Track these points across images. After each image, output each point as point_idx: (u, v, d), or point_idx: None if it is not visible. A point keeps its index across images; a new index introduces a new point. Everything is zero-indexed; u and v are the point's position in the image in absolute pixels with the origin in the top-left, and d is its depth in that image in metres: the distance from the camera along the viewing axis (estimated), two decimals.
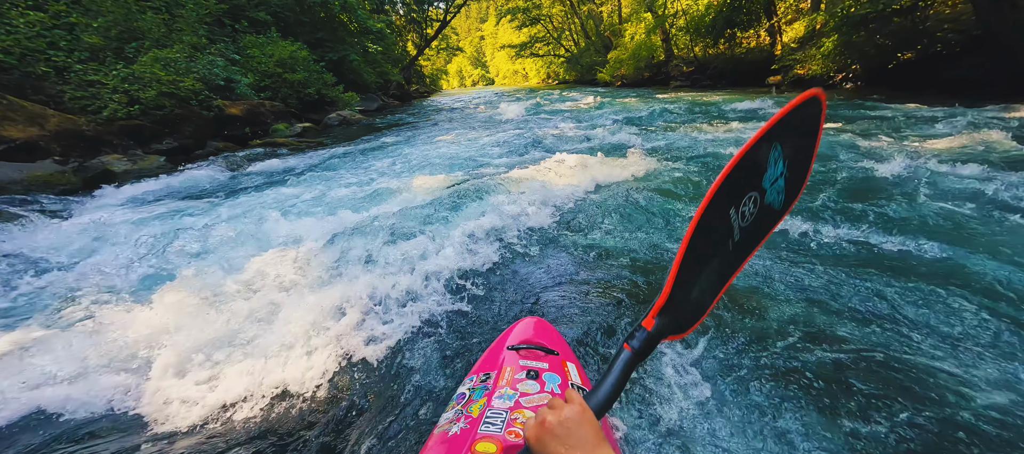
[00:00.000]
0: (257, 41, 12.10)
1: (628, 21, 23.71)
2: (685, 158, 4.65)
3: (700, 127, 6.38)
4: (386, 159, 6.10)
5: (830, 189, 3.20)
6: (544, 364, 1.13)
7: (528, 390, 1.00)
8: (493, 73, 75.73)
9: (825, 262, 2.21)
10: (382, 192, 4.19)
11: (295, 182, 5.01)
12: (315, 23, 16.89)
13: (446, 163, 5.56)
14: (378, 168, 5.56)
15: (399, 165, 5.69)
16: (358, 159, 6.26)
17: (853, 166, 3.64)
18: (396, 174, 5.14)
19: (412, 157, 6.23)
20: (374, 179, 4.89)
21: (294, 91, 12.05)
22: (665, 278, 0.55)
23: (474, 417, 0.91)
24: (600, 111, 9.82)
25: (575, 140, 6.28)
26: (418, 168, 5.37)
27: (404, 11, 33.49)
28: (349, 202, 3.90)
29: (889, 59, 7.80)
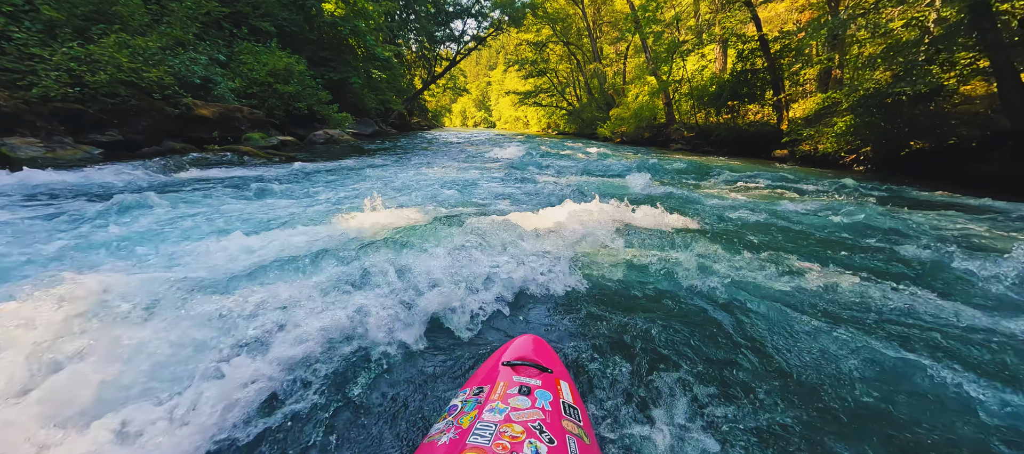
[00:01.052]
0: (252, 48, 11.62)
1: (632, 83, 24.35)
2: (698, 214, 3.92)
3: (720, 190, 5.75)
4: (356, 183, 5.26)
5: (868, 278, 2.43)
6: (537, 381, 1.14)
7: (519, 405, 1.00)
8: (495, 117, 77.75)
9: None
10: (329, 218, 3.30)
11: (234, 194, 4.11)
12: (322, 42, 16.71)
13: (423, 195, 4.73)
14: (341, 191, 4.71)
15: (366, 190, 4.85)
16: (324, 179, 5.42)
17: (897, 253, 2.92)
18: (355, 199, 4.28)
19: (386, 183, 5.41)
20: (332, 202, 4.02)
21: (283, 102, 11.42)
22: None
23: (464, 428, 0.92)
24: (606, 161, 9.28)
25: (577, 186, 5.56)
26: (386, 196, 4.53)
27: (416, 47, 34.35)
28: (278, 227, 3.00)
29: (902, 146, 7.49)
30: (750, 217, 4.08)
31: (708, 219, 4.02)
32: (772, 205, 4.72)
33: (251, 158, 6.56)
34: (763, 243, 3.22)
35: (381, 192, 4.48)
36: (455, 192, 4.91)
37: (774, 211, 4.33)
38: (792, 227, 3.77)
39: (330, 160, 7.10)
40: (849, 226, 3.78)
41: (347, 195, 4.50)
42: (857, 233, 3.57)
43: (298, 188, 4.78)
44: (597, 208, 3.53)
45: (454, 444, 0.87)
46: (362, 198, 3.74)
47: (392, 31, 29.63)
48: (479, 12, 29.33)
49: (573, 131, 33.18)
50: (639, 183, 5.70)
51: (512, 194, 5.00)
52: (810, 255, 2.95)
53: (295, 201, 4.09)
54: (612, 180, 6.57)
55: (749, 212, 4.25)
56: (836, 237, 3.48)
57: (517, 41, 35.82)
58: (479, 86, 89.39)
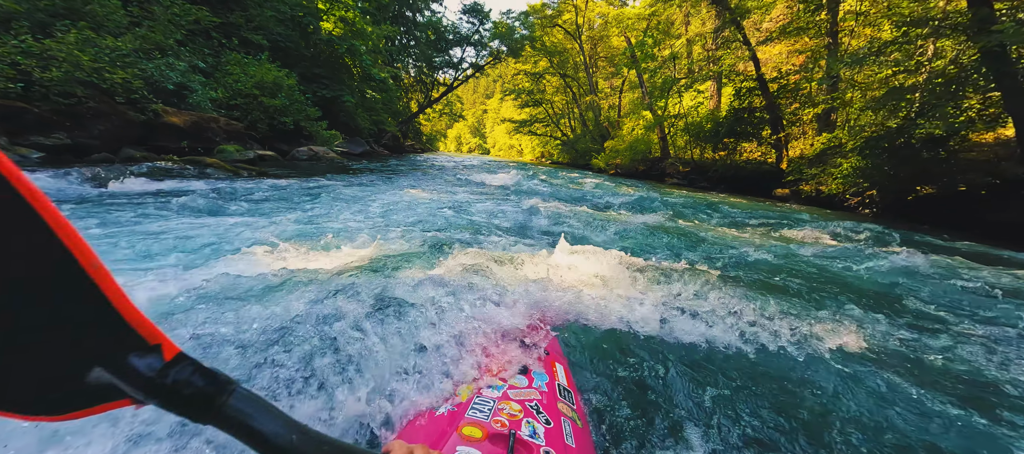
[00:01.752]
0: (240, 59, 11.20)
1: (627, 116, 24.57)
2: (712, 257, 3.39)
3: (731, 231, 5.28)
4: (318, 205, 4.68)
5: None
6: (535, 362, 1.15)
7: (517, 384, 1.02)
8: (490, 144, 78.50)
9: None
10: (262, 246, 2.69)
11: (167, 211, 3.48)
12: (316, 58, 16.46)
13: (401, 222, 4.14)
14: (297, 212, 4.11)
15: (324, 214, 4.26)
16: (285, 198, 4.82)
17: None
18: (309, 224, 3.67)
19: (354, 207, 4.83)
20: (279, 225, 3.41)
21: (267, 116, 10.90)
22: None
23: (462, 401, 0.93)
24: (605, 195, 8.85)
25: (579, 222, 5.03)
26: (347, 223, 3.93)
27: (415, 72, 34.64)
28: (192, 252, 2.38)
29: (909, 190, 7.22)
30: (772, 260, 3.57)
31: (724, 263, 3.49)
32: (792, 249, 4.23)
33: (216, 171, 5.92)
34: (790, 290, 2.69)
35: (341, 218, 3.88)
36: (429, 222, 4.33)
37: (795, 255, 3.83)
38: (819, 273, 3.26)
39: (304, 178, 6.51)
40: (883, 275, 3.29)
41: (302, 218, 3.89)
42: (892, 284, 3.07)
43: (249, 207, 4.16)
44: (601, 255, 2.97)
45: (452, 416, 0.87)
46: (317, 223, 3.15)
47: (391, 55, 29.87)
48: (478, 41, 29.79)
49: (566, 161, 33.27)
50: (644, 220, 5.21)
51: (500, 227, 4.43)
52: (843, 305, 2.43)
53: (237, 220, 3.47)
54: (614, 214, 6.08)
55: (771, 256, 3.75)
56: (873, 287, 2.98)
57: (515, 70, 36.40)
58: (475, 113, 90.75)
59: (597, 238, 3.94)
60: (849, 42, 8.89)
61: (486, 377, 1.03)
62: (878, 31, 8.82)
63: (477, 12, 28.50)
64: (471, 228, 4.20)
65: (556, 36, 31.44)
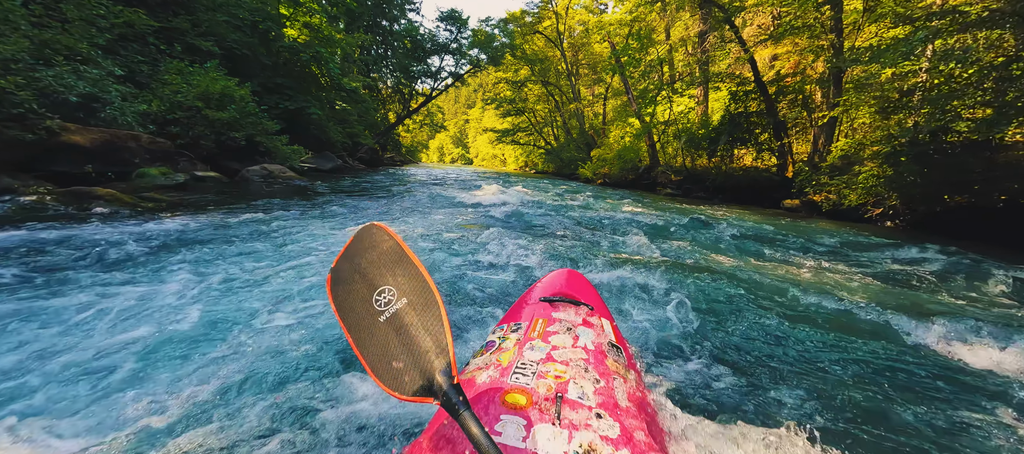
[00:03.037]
0: (183, 67, 9.82)
1: (612, 123, 23.91)
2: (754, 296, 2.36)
3: (758, 261, 4.29)
4: (206, 273, 3.46)
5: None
6: (577, 318, 1.09)
7: (561, 344, 0.96)
8: (472, 154, 77.51)
9: None
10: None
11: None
12: (278, 67, 15.10)
13: (302, 319, 2.94)
14: (218, 271, 2.90)
15: (267, 269, 3.08)
16: (161, 260, 3.58)
17: None
18: (232, 288, 2.51)
19: (306, 252, 3.64)
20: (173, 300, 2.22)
21: (213, 131, 9.53)
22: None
23: (503, 366, 0.89)
24: (602, 212, 7.82)
25: (590, 264, 3.95)
26: (239, 296, 2.76)
27: (392, 82, 33.42)
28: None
29: (936, 201, 6.44)
30: (820, 301, 2.55)
31: (809, 349, 2.46)
32: (885, 296, 3.24)
33: (107, 206, 4.57)
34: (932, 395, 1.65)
35: (206, 307, 2.69)
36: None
37: (893, 308, 2.83)
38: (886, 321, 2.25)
39: (233, 209, 5.22)
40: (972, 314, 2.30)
41: (131, 313, 2.69)
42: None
43: (155, 265, 2.93)
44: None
45: (495, 382, 0.83)
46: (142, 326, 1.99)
47: (367, 65, 28.61)
48: (457, 50, 28.85)
49: (551, 170, 32.46)
50: (666, 252, 4.16)
51: (468, 292, 3.32)
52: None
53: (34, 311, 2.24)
54: (620, 239, 5.02)
55: (817, 296, 2.74)
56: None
57: (495, 79, 35.60)
58: (457, 123, 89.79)
59: (638, 313, 2.85)
60: (855, 39, 8.21)
61: (528, 339, 0.95)
62: (885, 30, 8.15)
63: (454, 20, 27.61)
64: (457, 270, 3.06)
65: (537, 44, 30.79)
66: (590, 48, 29.97)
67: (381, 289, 0.74)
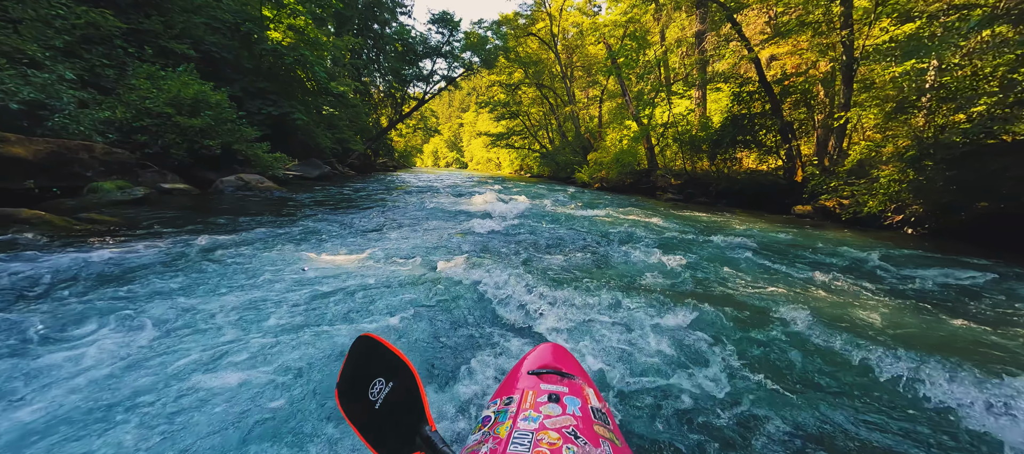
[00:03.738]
0: (151, 71, 9.17)
1: (609, 126, 23.48)
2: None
3: (802, 286, 3.75)
4: (202, 290, 2.88)
5: None
6: (564, 388, 1.15)
7: (551, 413, 1.02)
8: (467, 158, 76.95)
9: None
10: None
11: None
12: (261, 71, 14.46)
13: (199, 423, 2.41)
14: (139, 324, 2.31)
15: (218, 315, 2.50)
16: (141, 279, 2.99)
17: None
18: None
19: (267, 283, 3.05)
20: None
21: (186, 139, 8.87)
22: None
23: (502, 438, 0.94)
24: (603, 223, 7.27)
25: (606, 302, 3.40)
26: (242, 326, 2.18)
27: (383, 86, 32.80)
28: None
29: (963, 207, 5.97)
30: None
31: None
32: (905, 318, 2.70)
33: (29, 232, 3.92)
34: None
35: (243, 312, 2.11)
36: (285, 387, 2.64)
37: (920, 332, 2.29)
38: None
39: (193, 228, 4.59)
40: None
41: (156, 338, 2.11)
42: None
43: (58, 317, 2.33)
44: None
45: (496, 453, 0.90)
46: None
47: (358, 69, 28.00)
48: (449, 53, 28.30)
49: (547, 174, 31.94)
50: (692, 280, 3.61)
51: (463, 330, 2.76)
52: None
53: None
54: (620, 260, 4.47)
55: (851, 336, 2.19)
56: None
57: (488, 82, 35.13)
58: (451, 127, 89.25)
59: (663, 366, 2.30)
60: (867, 36, 7.76)
61: (520, 411, 1.00)
62: (897, 27, 7.70)
63: (446, 22, 27.08)
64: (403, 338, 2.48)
65: (530, 46, 30.34)
66: (584, 50, 29.58)
67: (373, 382, 0.92)
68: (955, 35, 5.22)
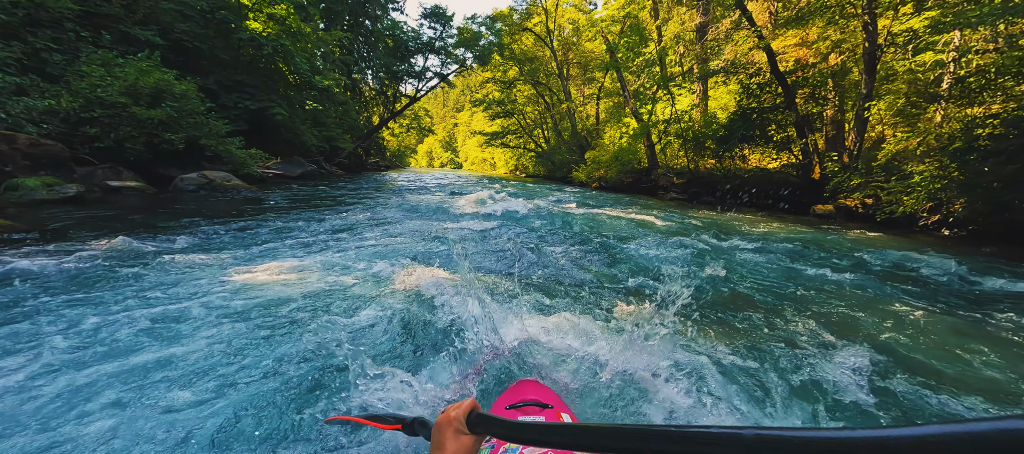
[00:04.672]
0: (107, 58, 8.28)
1: (606, 124, 22.79)
2: None
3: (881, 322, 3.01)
4: (103, 311, 2.08)
5: None
6: (541, 418, 1.17)
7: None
8: (462, 158, 76.07)
9: None
10: None
11: None
12: (238, 63, 13.56)
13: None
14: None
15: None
16: (20, 305, 2.18)
17: None
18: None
19: (190, 300, 2.25)
20: None
21: (144, 132, 7.99)
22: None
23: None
24: (603, 228, 6.51)
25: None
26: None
27: (375, 83, 31.88)
28: None
29: (1004, 206, 5.29)
30: None
31: None
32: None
33: None
34: None
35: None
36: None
37: None
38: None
39: (122, 237, 3.76)
40: None
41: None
42: None
43: None
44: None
45: None
46: None
47: (347, 65, 27.08)
48: (442, 48, 27.48)
49: (543, 174, 31.20)
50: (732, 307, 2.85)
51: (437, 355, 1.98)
52: None
53: None
54: (623, 275, 3.71)
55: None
56: None
57: (482, 79, 34.33)
58: (446, 127, 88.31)
59: None
60: (895, 17, 7.08)
61: (501, 446, 0.95)
62: (921, 16, 7.03)
63: (439, 17, 26.27)
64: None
65: (526, 43, 29.59)
66: (581, 47, 28.89)
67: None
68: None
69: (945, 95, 5.99)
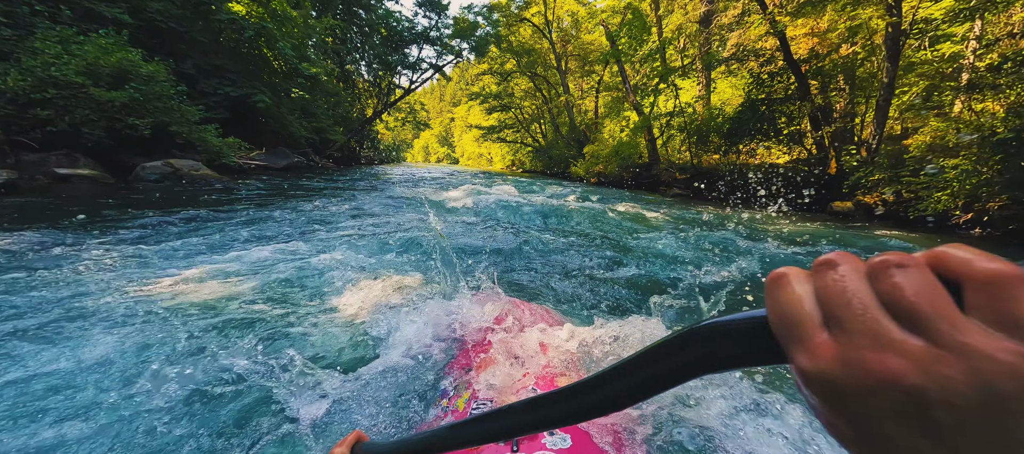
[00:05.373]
0: (66, 35, 7.56)
1: (607, 117, 22.18)
2: None
3: None
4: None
5: None
6: (514, 336, 1.10)
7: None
8: (458, 153, 75.29)
9: None
10: None
11: None
12: (219, 47, 12.81)
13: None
14: None
15: None
16: None
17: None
18: None
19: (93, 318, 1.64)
20: None
21: (104, 115, 7.31)
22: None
23: (461, 411, 0.89)
24: (607, 227, 5.94)
25: None
26: None
27: (370, 74, 31.03)
28: None
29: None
30: None
31: None
32: None
33: None
34: None
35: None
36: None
37: None
38: None
39: (77, 228, 3.13)
40: None
41: None
42: None
43: None
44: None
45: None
46: None
47: (340, 55, 26.24)
48: (438, 39, 26.70)
49: (539, 169, 30.58)
50: None
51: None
52: None
53: None
54: (628, 286, 3.15)
55: None
56: None
57: (479, 71, 33.59)
58: (442, 121, 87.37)
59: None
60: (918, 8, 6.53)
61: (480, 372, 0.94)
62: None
63: (434, 5, 25.48)
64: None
65: (523, 34, 28.86)
66: (580, 39, 28.20)
67: None
68: None
69: (988, 81, 5.44)
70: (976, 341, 0.16)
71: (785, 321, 0.21)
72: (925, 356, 0.17)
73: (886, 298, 0.18)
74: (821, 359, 0.19)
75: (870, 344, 0.18)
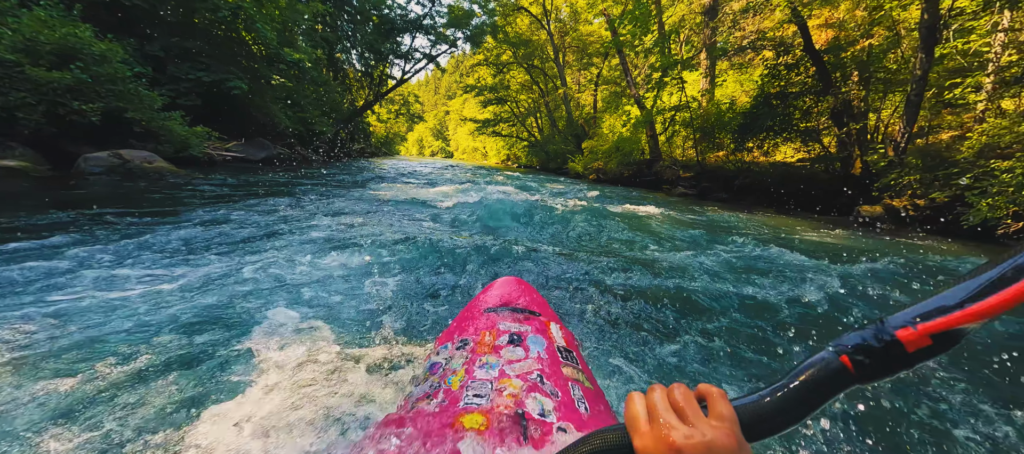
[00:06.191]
0: (2, 7, 6.64)
1: (605, 112, 21.42)
2: None
3: None
4: None
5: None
6: (527, 327, 1.00)
7: (512, 357, 0.87)
8: (453, 147, 74.16)
9: None
10: None
11: None
12: (190, 28, 11.83)
13: None
14: None
15: None
16: None
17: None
18: None
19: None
20: None
21: (45, 99, 6.43)
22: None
23: (454, 390, 0.80)
24: (609, 231, 5.23)
25: None
26: None
27: (361, 65, 29.91)
28: None
29: None
30: None
31: None
32: None
33: None
34: None
35: None
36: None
37: None
38: None
39: None
40: None
41: None
42: None
43: None
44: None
45: (444, 410, 0.73)
46: None
47: (329, 42, 25.12)
48: (432, 26, 25.69)
49: (536, 164, 29.81)
50: None
51: None
52: None
53: None
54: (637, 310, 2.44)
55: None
56: None
57: (473, 62, 32.60)
58: (437, 115, 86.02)
59: None
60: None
61: (476, 356, 0.85)
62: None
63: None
64: None
65: (520, 25, 27.92)
66: (578, 30, 27.33)
67: None
68: None
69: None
70: (704, 426, 0.36)
71: (628, 421, 0.39)
72: (686, 433, 0.35)
73: (673, 405, 0.38)
74: (645, 437, 0.36)
75: (666, 428, 0.36)
